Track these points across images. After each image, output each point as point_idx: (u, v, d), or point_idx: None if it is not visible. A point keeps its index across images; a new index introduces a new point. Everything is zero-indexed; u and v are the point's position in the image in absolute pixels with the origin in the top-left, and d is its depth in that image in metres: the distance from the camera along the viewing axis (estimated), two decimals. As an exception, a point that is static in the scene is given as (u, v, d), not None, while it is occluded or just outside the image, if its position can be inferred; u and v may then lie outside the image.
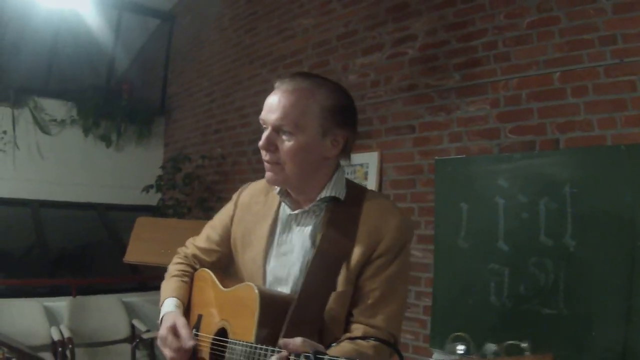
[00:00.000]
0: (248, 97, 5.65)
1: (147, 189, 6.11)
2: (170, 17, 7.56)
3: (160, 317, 1.76)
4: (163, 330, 1.66)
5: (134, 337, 5.01)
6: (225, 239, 1.86)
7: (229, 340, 1.55)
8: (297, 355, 1.25)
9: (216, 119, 6.25)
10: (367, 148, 4.08)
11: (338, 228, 1.57)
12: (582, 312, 2.73)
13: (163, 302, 1.81)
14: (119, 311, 5.18)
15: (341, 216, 1.59)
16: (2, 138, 6.04)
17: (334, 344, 1.45)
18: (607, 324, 2.64)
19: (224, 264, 1.93)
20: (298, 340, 1.28)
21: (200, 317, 1.80)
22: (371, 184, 3.94)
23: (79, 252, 6.47)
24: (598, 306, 2.68)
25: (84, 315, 4.98)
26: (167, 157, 6.91)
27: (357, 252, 1.54)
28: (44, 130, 6.39)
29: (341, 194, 1.62)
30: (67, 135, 6.60)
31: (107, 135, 6.81)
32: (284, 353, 1.29)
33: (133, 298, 5.49)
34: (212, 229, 1.93)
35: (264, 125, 1.56)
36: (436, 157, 3.42)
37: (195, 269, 1.94)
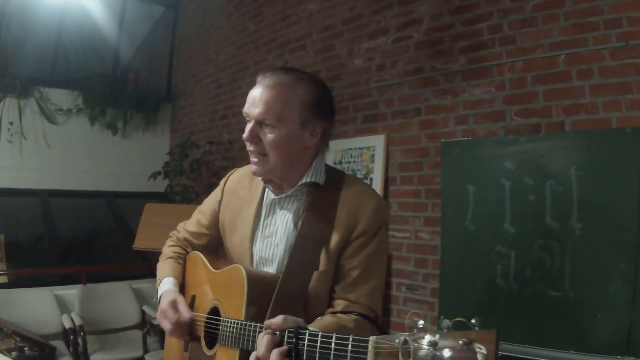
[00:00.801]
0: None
1: (154, 176, 6.13)
2: (174, 5, 7.56)
3: (159, 295, 1.87)
4: (164, 305, 1.76)
5: (144, 323, 5.05)
6: (214, 224, 1.96)
7: (222, 318, 1.64)
8: (283, 331, 1.32)
9: (223, 105, 6.27)
10: (374, 131, 4.10)
11: (318, 212, 1.66)
12: (588, 296, 2.73)
13: (161, 281, 1.92)
14: (129, 298, 5.22)
15: (321, 201, 1.68)
16: (10, 129, 6.07)
17: (318, 319, 1.53)
18: (612, 308, 2.65)
19: (214, 246, 2.04)
20: (280, 319, 1.34)
21: (194, 297, 1.90)
22: (378, 167, 3.96)
23: (88, 240, 6.51)
24: (603, 290, 2.69)
25: (95, 303, 5.01)
26: (175, 144, 6.92)
27: (336, 234, 1.62)
28: (51, 120, 6.42)
29: (321, 179, 1.70)
30: (73, 125, 6.63)
31: (114, 124, 6.85)
32: (269, 332, 1.34)
33: (143, 285, 5.53)
34: (201, 214, 2.02)
35: (247, 119, 1.63)
36: (443, 140, 3.43)
37: (187, 252, 2.05)
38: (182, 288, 1.95)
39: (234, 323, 1.55)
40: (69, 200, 6.53)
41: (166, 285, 1.88)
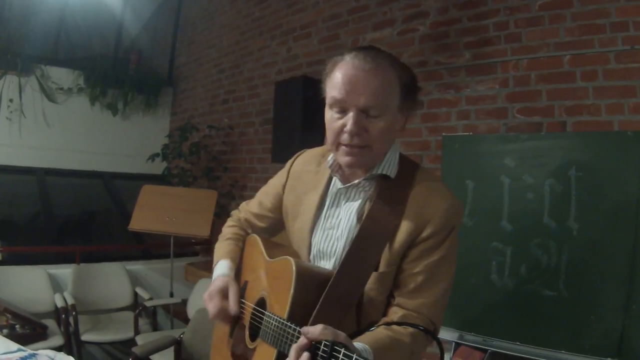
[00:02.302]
0: (257, 69, 5.67)
1: (152, 157, 6.12)
2: (179, -13, 7.52)
3: (214, 277, 1.80)
4: (214, 289, 1.71)
5: (136, 305, 5.04)
6: (277, 206, 1.87)
7: (265, 312, 1.56)
8: (319, 342, 1.21)
9: (225, 89, 6.27)
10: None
11: (385, 206, 1.52)
12: (582, 296, 2.73)
13: (217, 262, 1.85)
14: (122, 279, 5.20)
15: (389, 194, 1.54)
16: (9, 106, 6.07)
17: (372, 329, 1.42)
18: (605, 310, 2.65)
19: (276, 229, 1.96)
20: (318, 328, 1.22)
21: (246, 283, 1.84)
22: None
23: (83, 220, 6.50)
24: (598, 291, 2.69)
25: (88, 283, 5.00)
26: (174, 127, 6.93)
27: (402, 233, 1.48)
28: (51, 98, 6.42)
29: (392, 171, 1.58)
30: (73, 104, 6.63)
31: (114, 104, 6.85)
32: (304, 340, 1.24)
33: (137, 266, 5.51)
34: (265, 195, 1.93)
35: (343, 106, 1.48)
36: (444, 134, 3.42)
37: (247, 233, 1.98)
38: (237, 271, 1.88)
39: (276, 320, 1.47)
40: (66, 179, 6.52)
41: (221, 268, 1.81)
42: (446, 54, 3.67)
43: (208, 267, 5.11)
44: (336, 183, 1.65)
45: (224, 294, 1.70)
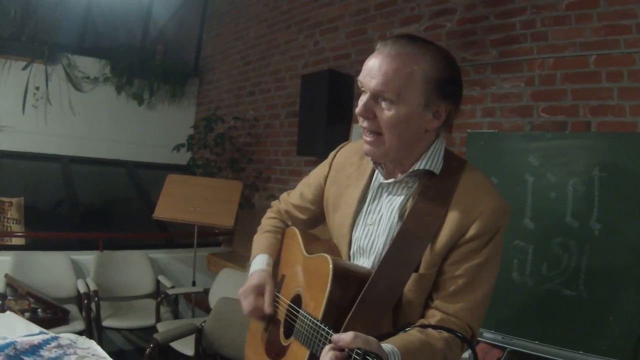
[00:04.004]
0: (284, 62, 5.69)
1: (177, 147, 6.15)
2: (207, -22, 7.55)
3: (251, 272, 1.76)
4: (249, 286, 1.69)
5: (158, 293, 5.08)
6: (319, 198, 1.82)
7: (300, 311, 1.53)
8: (351, 350, 1.18)
9: (251, 81, 6.30)
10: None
11: (428, 204, 1.45)
12: (601, 297, 2.70)
13: (255, 256, 1.82)
14: (145, 267, 5.24)
15: (433, 191, 1.47)
16: (35, 94, 6.17)
17: (405, 330, 1.39)
18: (624, 312, 2.62)
19: (317, 221, 1.91)
20: (349, 336, 1.18)
21: (283, 277, 1.81)
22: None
23: (107, 208, 6.57)
24: (617, 293, 2.66)
25: (111, 270, 5.05)
26: (199, 118, 6.96)
27: (445, 233, 1.42)
28: (77, 87, 6.52)
29: (437, 167, 1.50)
30: (99, 93, 6.71)
31: (140, 94, 6.91)
32: (335, 347, 1.21)
33: (160, 255, 5.54)
34: (306, 187, 1.88)
35: (362, 89, 1.45)
36: (469, 130, 3.41)
37: (287, 225, 1.93)
38: (276, 264, 1.84)
39: (310, 321, 1.43)
40: (90, 167, 6.61)
41: (258, 263, 1.78)
42: (472, 51, 3.67)
43: (231, 258, 5.16)
44: (378, 177, 1.60)
45: (259, 291, 1.68)
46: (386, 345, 1.25)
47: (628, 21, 2.91)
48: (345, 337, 1.18)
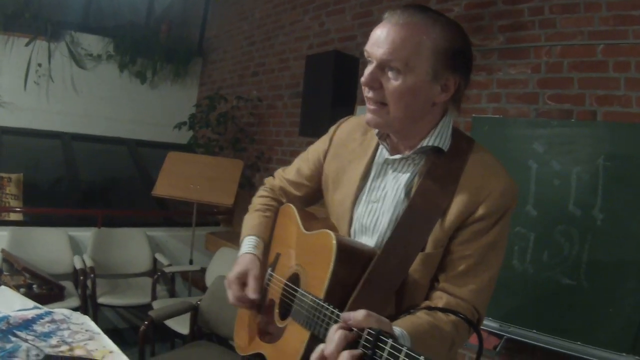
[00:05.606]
0: (289, 42, 5.66)
1: (179, 125, 6.15)
2: (213, -43, 7.51)
3: (238, 255, 1.71)
4: (232, 275, 1.62)
5: (155, 270, 5.07)
6: (316, 175, 1.76)
7: (299, 290, 1.46)
8: (361, 329, 1.09)
9: (255, 61, 6.28)
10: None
11: (436, 182, 1.42)
12: (601, 287, 2.70)
13: (243, 238, 1.76)
14: (142, 244, 5.23)
15: (441, 169, 1.43)
16: (37, 71, 6.15)
17: (411, 312, 1.35)
18: (624, 303, 2.62)
19: (313, 199, 1.85)
20: (361, 314, 1.10)
21: (278, 256, 1.73)
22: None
23: (107, 185, 6.54)
24: (618, 283, 2.65)
25: (108, 247, 5.04)
26: (202, 98, 6.93)
27: (453, 212, 1.39)
28: (80, 64, 6.49)
29: (445, 144, 1.45)
30: (102, 71, 6.69)
31: (143, 72, 6.89)
32: (345, 325, 1.12)
33: (158, 232, 5.52)
34: (303, 162, 1.82)
35: (369, 58, 1.39)
36: (474, 115, 3.39)
37: (281, 202, 1.86)
38: (268, 243, 1.78)
39: (311, 300, 1.36)
40: (91, 144, 6.59)
41: (246, 246, 1.71)
42: (480, 36, 3.63)
43: (229, 238, 5.15)
44: (383, 153, 1.55)
45: (242, 280, 1.61)
46: (395, 328, 1.20)
47: (638, 12, 2.89)
48: (357, 316, 1.10)
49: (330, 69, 4.27)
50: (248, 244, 1.72)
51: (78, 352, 1.92)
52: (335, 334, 1.11)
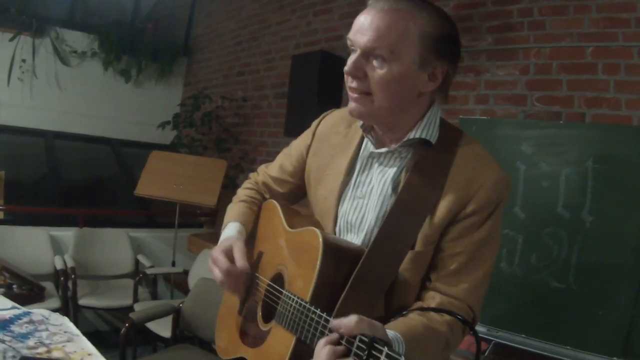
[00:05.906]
0: (275, 42, 5.64)
1: (163, 125, 6.09)
2: (200, -44, 7.49)
3: (221, 240, 1.61)
4: (216, 251, 1.52)
5: (137, 272, 5.02)
6: (299, 170, 1.69)
7: (283, 291, 1.40)
8: (353, 337, 1.06)
9: (240, 61, 6.26)
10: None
11: (424, 176, 1.36)
12: (591, 290, 2.68)
13: (226, 225, 1.67)
14: (124, 245, 5.18)
15: (430, 162, 1.38)
16: (21, 67, 6.07)
17: (403, 314, 1.31)
18: (614, 305, 2.60)
19: (297, 196, 1.78)
20: (352, 320, 1.07)
21: (260, 254, 1.66)
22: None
23: (90, 185, 6.50)
24: (607, 286, 2.64)
25: (90, 247, 4.98)
26: (187, 97, 6.89)
27: (443, 207, 1.33)
28: (64, 61, 6.42)
29: (433, 136, 1.40)
30: (86, 68, 6.62)
31: (128, 71, 6.83)
32: (334, 336, 1.09)
33: (140, 233, 5.47)
34: (286, 158, 1.75)
35: (352, 47, 1.34)
36: (461, 116, 3.37)
37: (264, 198, 1.80)
38: (251, 239, 1.71)
39: (296, 302, 1.31)
40: (74, 143, 6.53)
41: (229, 230, 1.63)
42: (468, 36, 3.60)
43: (212, 239, 5.09)
44: (368, 146, 1.49)
45: (229, 255, 1.50)
46: (389, 332, 1.15)
47: (627, 14, 2.89)
48: (348, 323, 1.07)
49: (316, 69, 4.25)
50: (232, 228, 1.64)
51: (56, 354, 1.88)
52: (322, 351, 1.07)
